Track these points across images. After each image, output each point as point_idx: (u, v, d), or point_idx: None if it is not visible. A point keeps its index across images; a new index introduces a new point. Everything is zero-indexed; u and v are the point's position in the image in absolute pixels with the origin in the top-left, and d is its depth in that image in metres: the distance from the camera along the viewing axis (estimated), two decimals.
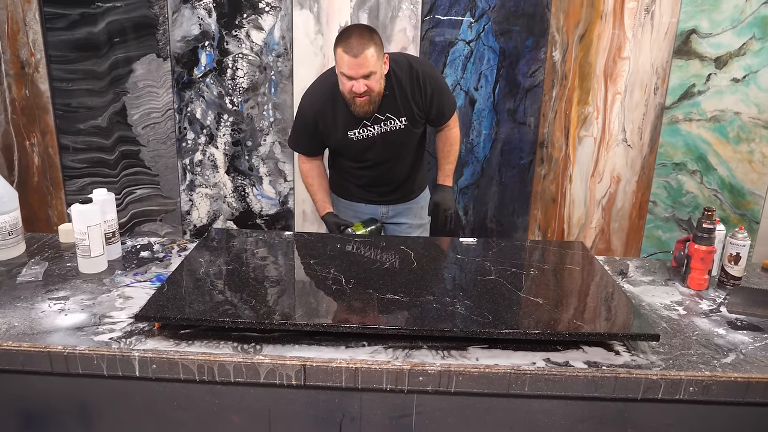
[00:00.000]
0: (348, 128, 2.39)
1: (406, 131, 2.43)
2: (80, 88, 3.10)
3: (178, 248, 2.11)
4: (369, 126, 2.38)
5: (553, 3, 2.95)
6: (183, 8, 2.98)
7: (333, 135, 2.43)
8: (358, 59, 2.13)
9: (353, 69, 2.15)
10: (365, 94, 2.21)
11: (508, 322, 1.56)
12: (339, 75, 2.24)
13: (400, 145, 2.49)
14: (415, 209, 2.70)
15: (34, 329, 1.54)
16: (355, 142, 2.41)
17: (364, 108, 2.27)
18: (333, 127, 2.41)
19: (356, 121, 2.37)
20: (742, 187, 3.18)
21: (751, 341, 1.62)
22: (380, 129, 2.39)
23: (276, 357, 1.44)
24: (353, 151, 2.48)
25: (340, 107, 2.36)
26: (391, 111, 2.37)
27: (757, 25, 2.95)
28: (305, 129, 2.47)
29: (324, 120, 2.40)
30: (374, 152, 2.46)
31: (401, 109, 2.37)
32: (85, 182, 3.25)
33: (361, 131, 2.39)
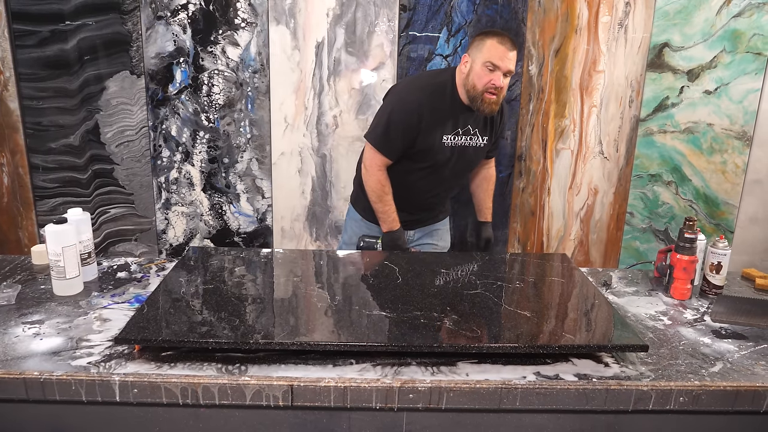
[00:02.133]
0: (445, 132, 2.36)
1: (481, 153, 2.50)
2: (51, 106, 3.04)
3: (156, 268, 2.05)
4: (461, 135, 2.38)
5: (529, 17, 2.98)
6: (157, 24, 2.95)
7: (429, 137, 2.34)
8: (512, 53, 2.22)
9: (504, 61, 2.21)
10: (498, 91, 2.25)
11: (497, 336, 1.54)
12: (479, 68, 2.23)
13: (467, 167, 2.55)
14: (441, 231, 2.73)
15: (7, 355, 1.48)
16: (443, 149, 2.38)
17: (491, 107, 2.28)
18: (433, 127, 2.34)
19: (453, 126, 2.36)
20: (716, 197, 3.22)
21: (736, 349, 1.63)
22: (468, 141, 2.41)
23: (262, 377, 1.40)
24: (434, 160, 2.40)
25: (445, 108, 2.34)
26: (480, 127, 2.43)
27: (728, 39, 3.01)
28: (406, 126, 2.33)
29: (431, 117, 2.32)
30: (447, 167, 2.44)
31: (487, 128, 2.44)
32: (57, 202, 3.17)
33: (454, 138, 2.38)
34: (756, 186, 3.23)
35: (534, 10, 2.97)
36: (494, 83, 2.22)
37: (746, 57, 3.04)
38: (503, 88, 2.27)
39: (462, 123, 2.37)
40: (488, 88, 2.23)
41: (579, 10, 2.98)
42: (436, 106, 2.33)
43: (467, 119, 2.38)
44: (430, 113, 2.32)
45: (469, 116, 2.38)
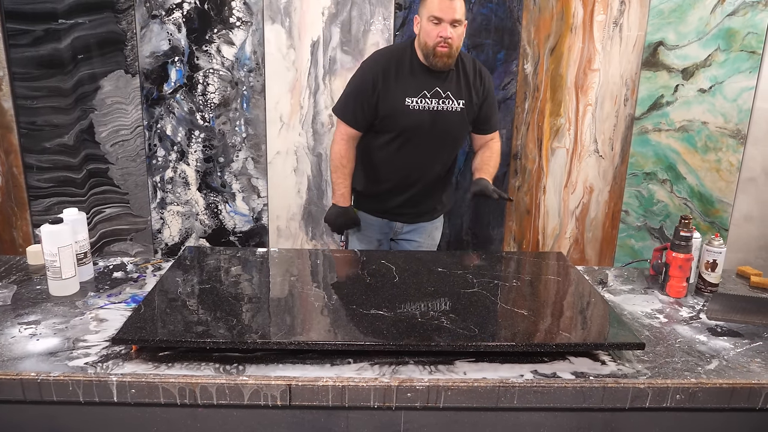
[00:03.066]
0: (407, 94, 2.34)
1: (459, 119, 2.40)
2: (45, 105, 3.03)
3: (152, 268, 2.05)
4: (428, 98, 2.34)
5: (524, 16, 2.98)
6: (152, 23, 2.94)
7: (390, 99, 2.34)
8: (454, 2, 2.20)
9: (445, 11, 2.19)
10: (449, 44, 2.23)
11: (495, 334, 1.54)
12: (426, 23, 2.24)
13: (446, 135, 2.43)
14: (430, 229, 2.66)
15: (4, 356, 1.48)
16: (410, 113, 2.35)
17: (444, 59, 2.26)
18: (393, 90, 2.34)
19: (417, 89, 2.34)
20: (710, 195, 3.24)
21: (732, 347, 1.63)
22: (438, 105, 2.36)
23: (260, 377, 1.40)
24: (402, 126, 2.38)
25: (404, 71, 2.35)
26: (453, 90, 2.37)
27: (722, 37, 3.02)
28: (361, 91, 2.37)
29: (385, 81, 2.34)
30: (421, 136, 2.39)
31: (462, 91, 2.38)
32: (52, 202, 3.16)
33: (420, 101, 2.34)
34: (750, 184, 3.24)
35: (529, 8, 2.98)
36: (442, 35, 2.21)
37: (740, 55, 3.05)
38: (454, 38, 2.24)
39: (429, 86, 2.34)
40: (438, 42, 2.23)
41: (574, 9, 2.99)
42: (394, 69, 2.35)
43: (435, 83, 2.35)
44: (387, 76, 2.34)
45: (437, 80, 2.35)
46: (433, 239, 2.70)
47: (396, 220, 2.59)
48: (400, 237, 2.64)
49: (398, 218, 2.59)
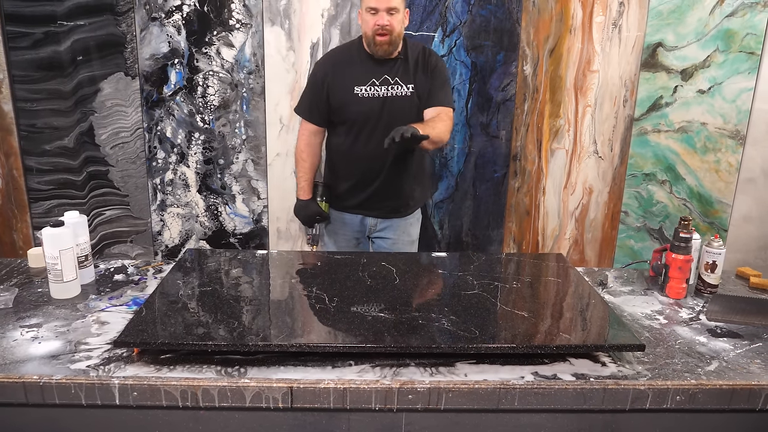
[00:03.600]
0: (356, 83, 2.45)
1: (410, 103, 2.46)
2: (45, 108, 3.03)
3: (153, 270, 2.05)
4: (377, 85, 2.43)
5: (523, 18, 2.99)
6: (151, 26, 2.94)
7: (340, 90, 2.47)
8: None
9: (380, 1, 2.32)
10: (387, 31, 2.34)
11: (495, 336, 1.55)
12: (364, 14, 2.38)
13: (398, 121, 2.37)
14: (404, 225, 2.70)
15: (6, 359, 1.48)
16: (360, 101, 2.45)
17: (384, 47, 2.39)
18: (342, 81, 2.47)
19: (365, 78, 2.45)
20: (710, 196, 3.24)
21: (732, 348, 1.64)
22: (387, 91, 2.44)
23: (262, 380, 1.41)
24: (354, 114, 2.47)
25: (353, 63, 2.49)
26: (401, 76, 2.45)
27: (721, 38, 3.03)
28: (313, 86, 2.55)
29: (334, 75, 2.49)
30: (373, 123, 2.46)
31: (411, 76, 2.46)
32: (52, 204, 3.16)
33: (369, 89, 2.45)
34: (749, 184, 3.25)
35: (528, 10, 2.98)
36: (379, 23, 2.33)
37: (739, 56, 3.06)
38: (392, 25, 2.35)
39: (377, 74, 2.45)
40: (375, 30, 2.35)
41: (573, 11, 2.99)
42: (341, 61, 2.51)
43: (383, 70, 2.46)
44: (336, 69, 2.50)
45: (384, 67, 2.46)
46: (408, 235, 2.72)
47: (368, 215, 2.66)
48: (375, 235, 2.69)
49: (370, 213, 2.65)
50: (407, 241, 2.72)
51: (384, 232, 2.67)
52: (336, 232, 2.74)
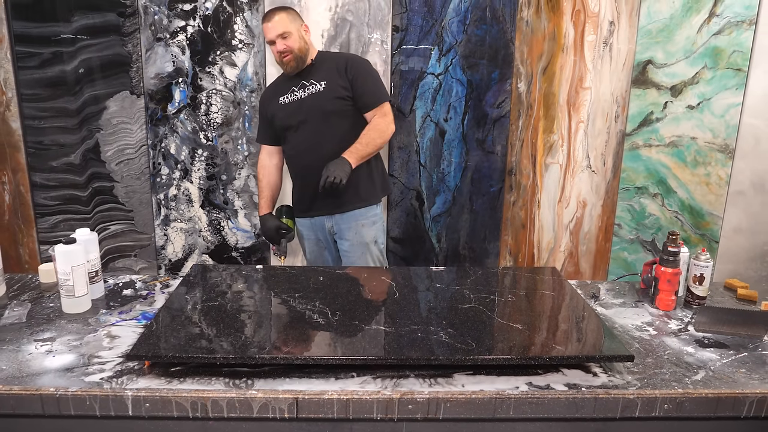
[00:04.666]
0: (280, 95, 2.74)
1: (324, 96, 2.67)
2: (52, 125, 3.11)
3: (160, 285, 2.12)
4: (296, 91, 2.71)
5: (517, 37, 3.08)
6: (156, 46, 3.02)
7: (270, 105, 2.77)
8: (271, 23, 2.60)
9: (270, 32, 2.61)
10: (287, 52, 2.62)
11: (491, 348, 1.62)
12: (269, 46, 2.72)
13: (318, 114, 2.68)
14: (355, 227, 2.76)
15: (23, 372, 1.55)
16: (284, 106, 2.72)
17: (291, 65, 2.67)
18: (272, 97, 2.78)
19: (287, 88, 2.73)
20: (701, 209, 3.32)
21: (718, 358, 1.71)
22: (303, 93, 2.70)
23: (268, 391, 1.47)
24: (282, 119, 2.74)
25: (279, 83, 2.80)
26: (314, 77, 2.71)
27: (708, 56, 3.12)
28: (261, 117, 2.87)
29: (268, 98, 2.81)
30: (300, 122, 2.70)
31: (324, 75, 2.70)
32: (58, 219, 3.23)
33: (289, 96, 2.72)
34: (739, 197, 3.33)
35: (522, 29, 3.07)
36: (278, 50, 2.63)
37: (727, 73, 3.14)
38: (289, 47, 2.62)
39: (295, 83, 2.72)
40: (280, 58, 2.65)
41: (565, 30, 3.08)
42: (274, 86, 2.84)
43: (299, 79, 2.72)
44: (270, 92, 2.84)
45: (300, 76, 2.72)
46: (361, 237, 2.76)
47: (318, 215, 2.80)
48: (336, 237, 2.84)
49: (319, 213, 2.79)
50: (360, 243, 2.76)
51: (340, 234, 2.80)
52: (301, 239, 2.95)
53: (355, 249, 2.77)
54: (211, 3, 2.98)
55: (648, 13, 3.08)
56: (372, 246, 2.80)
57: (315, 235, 2.87)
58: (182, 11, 2.99)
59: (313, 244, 2.91)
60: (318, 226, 2.83)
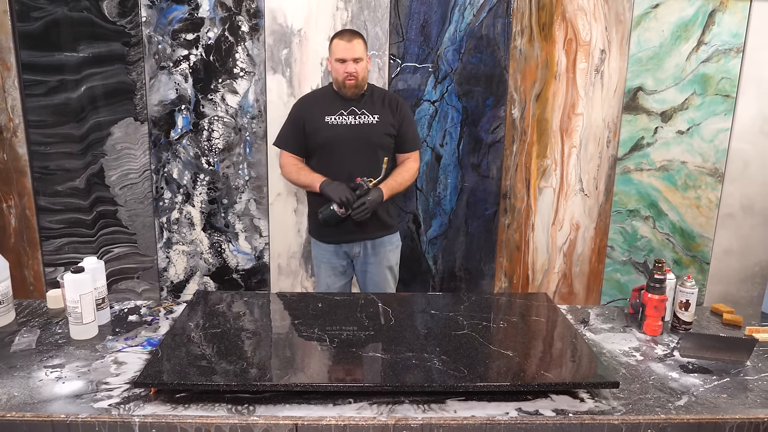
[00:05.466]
0: (327, 113, 2.75)
1: (375, 129, 2.75)
2: (58, 151, 3.19)
3: (164, 311, 2.19)
4: (345, 115, 2.75)
5: (511, 65, 3.17)
6: (160, 74, 3.11)
7: (313, 119, 2.77)
8: (350, 44, 2.67)
9: (346, 51, 2.67)
10: (354, 77, 2.68)
11: (482, 375, 1.69)
12: (334, 63, 2.71)
13: (364, 144, 2.75)
14: (382, 252, 2.88)
15: (34, 398, 1.62)
16: (330, 127, 2.74)
17: (352, 90, 2.72)
18: (314, 112, 2.78)
19: (334, 109, 2.76)
20: (692, 231, 3.40)
21: (701, 383, 1.78)
22: (355, 120, 2.75)
23: (269, 417, 1.54)
24: (324, 138, 2.75)
25: (324, 100, 2.81)
26: (367, 108, 2.78)
27: (698, 82, 3.21)
28: (291, 120, 2.85)
29: (309, 111, 2.80)
30: (342, 146, 2.73)
31: (376, 108, 2.79)
32: (62, 242, 3.31)
33: (338, 118, 2.75)
34: (729, 219, 3.41)
35: (516, 58, 3.16)
36: (347, 71, 2.68)
37: (715, 99, 3.24)
38: (357, 72, 2.69)
39: (345, 107, 2.76)
40: (345, 77, 2.69)
41: (558, 58, 3.17)
42: (315, 99, 2.85)
43: (350, 104, 2.77)
44: (311, 104, 2.83)
45: (351, 102, 2.77)
46: (387, 261, 2.90)
47: (348, 241, 2.84)
48: (358, 262, 2.90)
49: (350, 239, 2.83)
50: (386, 267, 2.89)
51: (366, 258, 2.88)
52: (320, 265, 2.93)
53: (379, 272, 2.89)
54: (214, 33, 3.08)
55: (638, 41, 3.17)
56: (394, 268, 2.95)
57: (336, 260, 2.89)
58: (185, 40, 3.08)
59: (332, 268, 2.90)
60: (341, 251, 2.87)
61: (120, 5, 3.04)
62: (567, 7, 3.11)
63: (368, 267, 2.88)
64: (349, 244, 2.85)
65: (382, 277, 2.89)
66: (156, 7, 3.04)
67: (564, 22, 3.14)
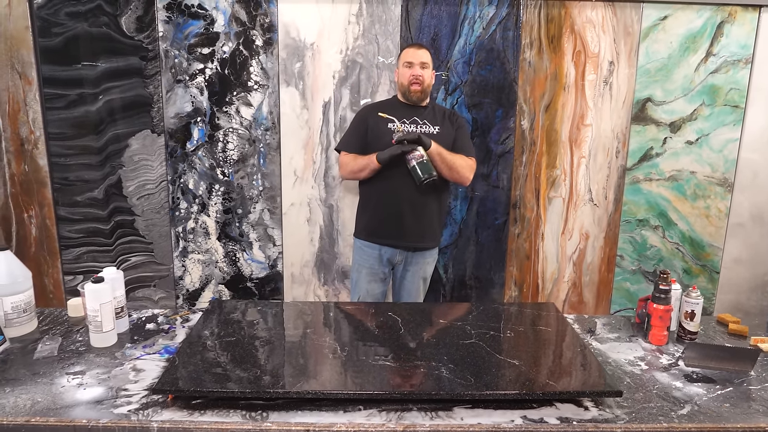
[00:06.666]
0: (390, 121, 2.84)
1: (438, 140, 2.81)
2: (77, 162, 3.28)
3: (180, 320, 2.26)
4: (407, 124, 2.88)
5: (520, 77, 3.21)
6: (176, 87, 3.19)
7: (376, 127, 2.87)
8: (420, 51, 2.84)
9: (415, 56, 2.83)
10: (419, 81, 2.82)
11: (489, 383, 1.73)
12: (402, 68, 2.87)
13: None
14: (422, 263, 2.97)
15: (56, 404, 1.68)
16: (392, 134, 2.79)
17: (418, 93, 2.85)
18: (378, 120, 2.86)
19: (398, 118, 2.84)
20: (701, 240, 3.42)
21: (705, 393, 1.81)
22: (417, 129, 2.87)
23: (282, 423, 1.60)
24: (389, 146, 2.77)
25: (388, 106, 2.91)
26: (429, 119, 2.91)
27: (706, 93, 3.24)
28: (357, 123, 2.97)
29: (371, 117, 2.90)
30: None
31: (437, 120, 2.92)
32: (81, 251, 3.39)
33: (401, 126, 2.83)
34: (738, 229, 3.43)
35: (525, 70, 3.21)
36: (413, 74, 2.82)
37: (724, 110, 3.27)
38: (424, 77, 2.83)
39: (407, 116, 2.88)
40: (411, 80, 2.83)
41: (566, 70, 3.22)
42: (379, 107, 2.92)
43: (413, 113, 2.89)
44: (373, 113, 2.90)
45: (414, 112, 2.90)
46: (424, 272, 3.00)
47: (396, 246, 2.91)
48: (398, 269, 2.98)
49: (397, 244, 2.90)
50: (422, 278, 3.00)
51: (406, 266, 2.97)
52: (362, 270, 2.99)
53: (416, 282, 2.99)
54: (229, 47, 3.15)
55: (647, 53, 3.21)
56: (427, 280, 3.05)
57: (378, 266, 2.95)
58: (201, 55, 3.16)
59: (372, 274, 2.97)
60: (384, 256, 2.94)
61: (138, 21, 3.12)
62: (575, 19, 3.16)
63: (406, 275, 2.98)
64: (393, 251, 2.92)
65: (416, 286, 2.99)
66: (173, 23, 3.12)
67: (573, 35, 3.18)
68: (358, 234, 3.02)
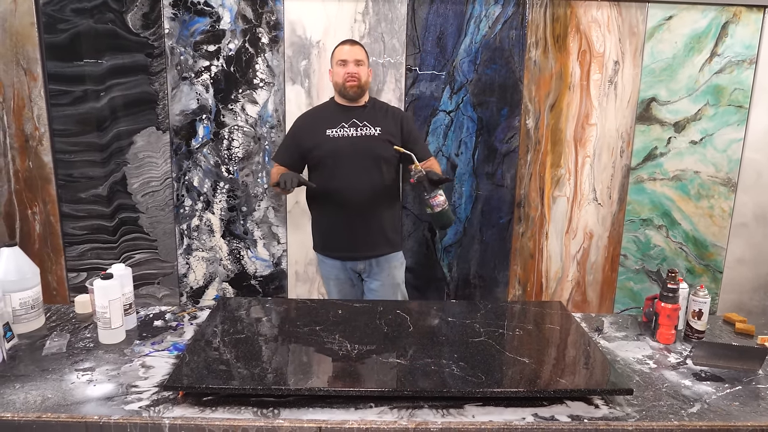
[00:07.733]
0: (328, 126, 2.77)
1: (378, 141, 2.75)
2: (82, 159, 3.27)
3: (188, 317, 2.26)
4: (346, 128, 2.77)
5: (525, 76, 3.22)
6: (182, 84, 3.19)
7: (314, 133, 2.79)
8: (353, 48, 2.76)
9: (348, 54, 2.74)
10: (355, 78, 2.73)
11: (499, 381, 1.74)
12: (336, 67, 2.77)
13: (367, 156, 2.75)
14: (388, 269, 2.90)
15: (67, 400, 1.68)
16: (331, 140, 2.75)
17: (354, 89, 2.75)
18: (315, 126, 2.81)
19: (335, 122, 2.78)
20: (705, 240, 3.43)
21: (714, 391, 1.82)
22: (355, 132, 2.77)
23: (294, 420, 1.60)
24: (326, 152, 2.75)
25: (325, 113, 2.85)
26: (369, 120, 2.80)
27: (711, 93, 3.25)
28: (292, 133, 2.90)
29: (307, 125, 2.85)
30: (344, 158, 2.73)
31: (378, 120, 2.81)
32: (85, 248, 3.38)
33: (339, 131, 2.77)
34: (742, 229, 3.44)
35: (530, 69, 3.21)
36: (348, 72, 2.73)
37: (728, 110, 3.27)
38: (359, 73, 2.74)
39: (346, 119, 2.78)
40: (346, 78, 2.74)
41: (572, 69, 3.22)
42: (316, 113, 2.90)
43: (351, 115, 2.79)
44: (311, 118, 2.87)
45: (353, 113, 2.80)
46: (393, 278, 2.92)
47: (353, 258, 2.86)
48: (366, 278, 2.92)
49: (353, 256, 2.85)
50: (392, 284, 2.91)
51: (371, 276, 2.90)
52: (329, 281, 2.97)
53: (386, 289, 2.90)
54: (234, 44, 3.15)
55: (651, 53, 3.22)
56: (401, 285, 2.96)
57: (344, 275, 2.92)
58: (207, 52, 3.16)
59: (341, 284, 2.93)
60: (346, 265, 2.89)
61: (144, 17, 3.12)
62: (581, 19, 3.16)
63: (373, 284, 2.90)
64: (353, 262, 2.87)
65: (389, 293, 2.90)
66: (178, 20, 3.12)
67: (578, 34, 3.19)
68: (315, 248, 2.98)
